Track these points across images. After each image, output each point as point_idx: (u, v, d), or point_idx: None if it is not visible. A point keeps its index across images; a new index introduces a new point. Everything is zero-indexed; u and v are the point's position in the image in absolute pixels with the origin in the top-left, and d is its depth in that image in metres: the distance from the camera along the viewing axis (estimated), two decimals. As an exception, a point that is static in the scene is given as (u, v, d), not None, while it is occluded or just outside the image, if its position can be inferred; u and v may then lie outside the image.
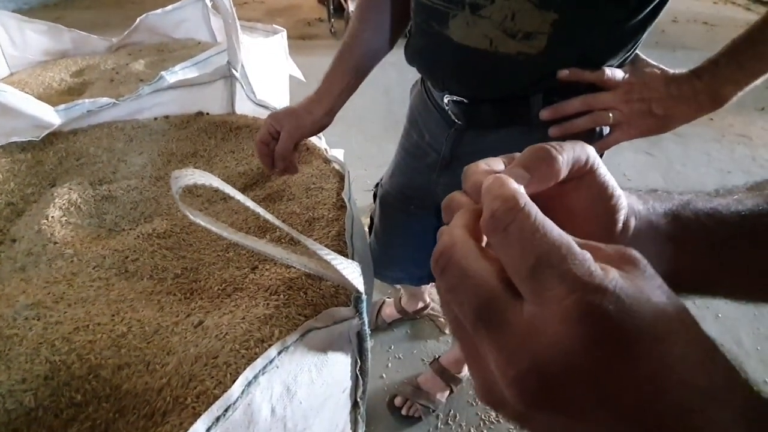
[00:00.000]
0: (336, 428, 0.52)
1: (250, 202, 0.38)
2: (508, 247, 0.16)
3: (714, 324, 1.37)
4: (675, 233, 0.24)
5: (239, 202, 0.37)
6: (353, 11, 0.71)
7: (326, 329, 0.44)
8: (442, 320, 1.34)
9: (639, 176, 1.98)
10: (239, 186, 0.73)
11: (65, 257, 0.56)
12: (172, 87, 0.88)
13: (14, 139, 0.75)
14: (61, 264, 0.55)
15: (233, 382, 0.37)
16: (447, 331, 1.32)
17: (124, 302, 0.49)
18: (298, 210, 0.64)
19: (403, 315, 1.33)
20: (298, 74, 1.25)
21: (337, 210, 0.63)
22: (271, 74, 1.15)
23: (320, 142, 0.81)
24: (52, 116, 0.77)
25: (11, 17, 1.09)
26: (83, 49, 1.21)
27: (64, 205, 0.64)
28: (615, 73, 0.57)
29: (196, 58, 0.90)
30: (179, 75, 0.87)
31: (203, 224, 0.37)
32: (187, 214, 0.36)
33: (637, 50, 0.60)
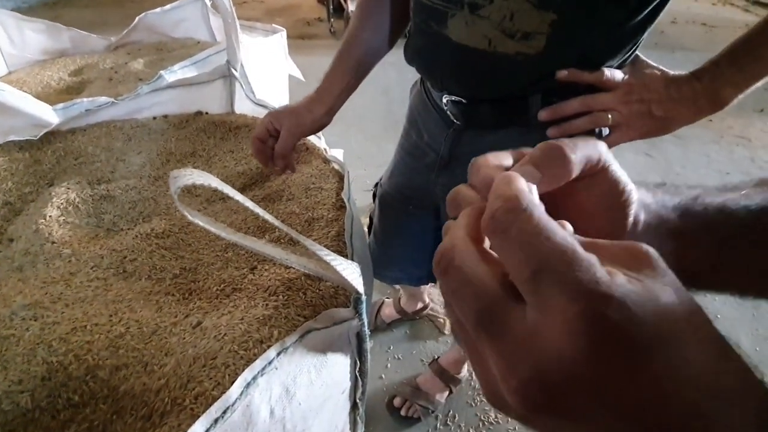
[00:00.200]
0: (335, 429, 0.52)
1: (249, 203, 0.38)
2: (509, 251, 0.15)
3: (713, 325, 1.37)
4: (684, 228, 0.24)
5: (238, 202, 0.37)
6: (353, 11, 0.71)
7: (325, 330, 0.44)
8: (442, 320, 1.34)
9: (638, 178, 1.90)
10: (238, 186, 0.72)
11: (63, 257, 0.55)
12: (171, 86, 0.88)
13: (12, 138, 0.75)
14: (59, 264, 0.54)
15: (232, 383, 0.37)
16: (446, 332, 1.32)
17: (122, 302, 0.49)
18: (297, 210, 0.64)
19: (402, 315, 1.32)
20: (298, 74, 1.24)
21: (337, 210, 0.63)
22: (271, 74, 1.14)
23: (320, 141, 0.80)
24: (50, 115, 0.77)
25: (10, 16, 1.08)
26: (82, 48, 1.20)
27: (62, 204, 0.63)
28: (614, 74, 0.57)
29: (195, 58, 0.90)
30: (178, 74, 0.87)
31: (202, 224, 0.37)
32: (186, 214, 0.35)
33: (637, 51, 0.59)
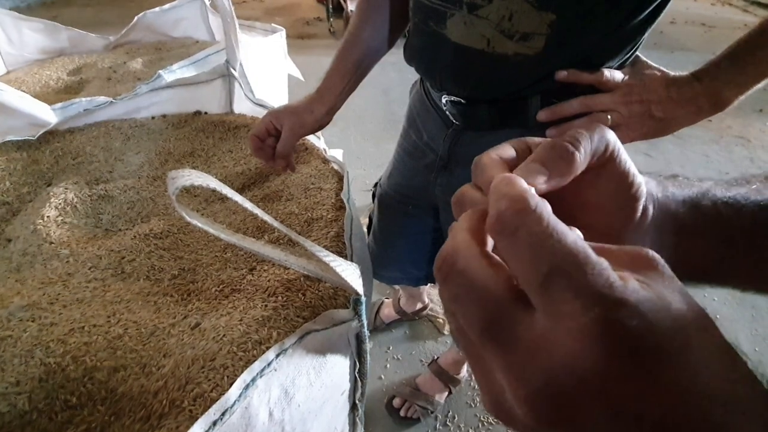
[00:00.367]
0: (334, 431, 0.52)
1: (248, 203, 0.37)
2: (518, 254, 0.15)
3: (712, 325, 1.37)
4: (693, 221, 0.23)
5: (237, 203, 0.37)
6: (353, 10, 0.71)
7: (325, 331, 0.43)
8: (441, 321, 1.34)
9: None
10: (237, 186, 0.72)
11: (61, 257, 0.55)
12: (170, 86, 0.88)
13: (10, 137, 0.74)
14: (57, 264, 0.54)
15: (230, 385, 0.36)
16: (445, 332, 1.31)
17: (120, 303, 0.49)
18: (296, 210, 0.63)
19: (401, 316, 1.32)
20: (297, 73, 1.24)
21: (336, 210, 0.63)
22: (270, 73, 1.14)
23: (319, 141, 0.80)
24: (48, 115, 0.76)
25: (8, 15, 1.08)
26: (80, 47, 1.20)
27: (60, 204, 0.63)
28: (614, 74, 0.57)
29: (194, 57, 0.90)
30: (177, 74, 0.86)
31: (200, 225, 0.36)
32: (184, 215, 0.35)
33: (637, 52, 0.59)
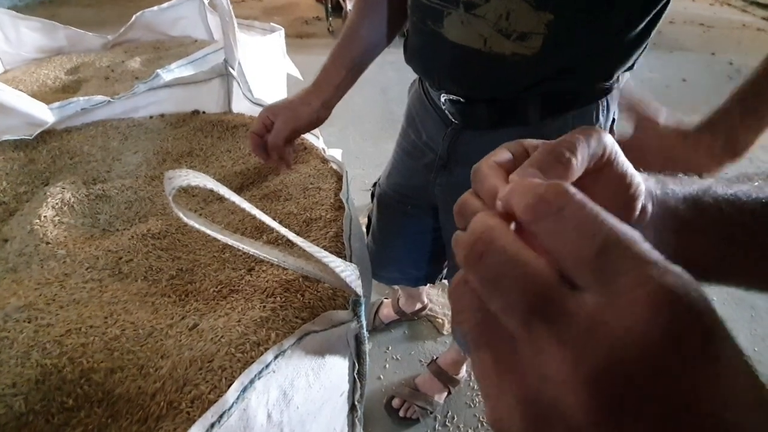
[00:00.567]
0: (333, 432, 0.52)
1: (245, 204, 0.37)
2: (564, 233, 0.14)
3: (711, 325, 1.37)
4: (693, 218, 0.23)
5: (235, 203, 0.36)
6: (352, 6, 0.71)
7: (324, 332, 0.43)
8: (440, 321, 1.34)
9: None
10: (235, 185, 0.72)
11: (58, 258, 0.55)
12: (168, 85, 0.87)
13: (7, 137, 0.74)
14: (54, 265, 0.54)
15: (228, 386, 0.36)
16: (445, 332, 1.31)
17: (118, 304, 0.49)
18: (295, 210, 0.63)
19: (401, 316, 1.32)
20: (296, 73, 1.24)
21: (335, 211, 0.63)
22: (269, 73, 1.14)
23: (318, 141, 0.80)
24: (45, 114, 0.76)
25: (5, 14, 1.08)
26: (78, 46, 1.19)
27: (57, 204, 0.63)
28: (658, 113, 0.56)
29: (193, 56, 0.89)
30: (175, 73, 0.86)
31: (197, 226, 0.36)
32: (181, 216, 0.35)
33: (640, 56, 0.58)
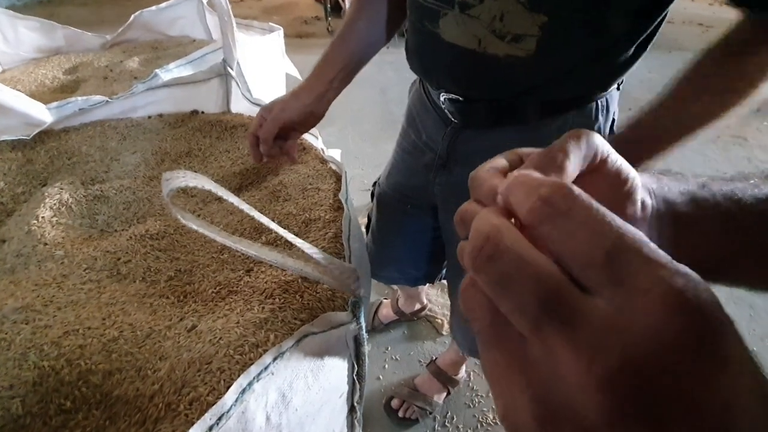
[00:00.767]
0: (332, 433, 0.51)
1: (244, 205, 0.37)
2: (572, 233, 0.14)
3: (710, 325, 1.37)
4: (691, 213, 0.23)
5: (233, 204, 0.36)
6: (350, 4, 0.70)
7: (323, 334, 0.43)
8: (439, 321, 1.33)
9: (635, 177, 1.97)
10: (234, 186, 0.71)
11: (55, 259, 0.54)
12: (167, 85, 0.87)
13: (4, 137, 0.74)
14: (51, 266, 0.53)
15: (227, 388, 0.36)
16: (444, 332, 1.31)
17: (116, 305, 0.48)
18: (294, 211, 0.63)
19: (400, 316, 1.32)
20: (295, 72, 1.24)
21: (334, 211, 0.63)
22: (268, 73, 1.14)
23: (317, 141, 0.80)
24: (43, 114, 0.76)
25: (3, 13, 1.07)
26: (77, 46, 1.19)
27: (54, 205, 0.62)
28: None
29: (191, 56, 0.89)
30: (174, 73, 0.86)
31: (195, 228, 0.36)
32: (179, 217, 0.35)
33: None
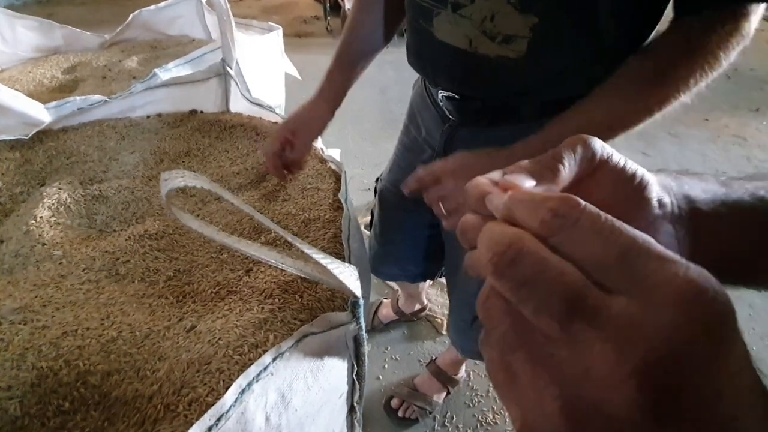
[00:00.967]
0: (332, 434, 0.51)
1: (244, 205, 0.37)
2: (584, 241, 0.14)
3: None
4: (715, 211, 0.23)
5: (233, 204, 0.36)
6: (350, 8, 0.71)
7: (322, 334, 0.43)
8: (439, 321, 1.33)
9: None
10: (234, 186, 0.71)
11: (54, 259, 0.54)
12: (166, 85, 0.87)
13: (2, 137, 0.73)
14: (50, 266, 0.53)
15: (226, 389, 0.36)
16: (444, 332, 1.31)
17: (115, 306, 0.48)
18: (293, 211, 0.63)
19: (400, 316, 1.32)
20: (294, 72, 1.23)
21: (334, 211, 0.62)
22: (267, 72, 1.13)
23: (316, 141, 0.79)
24: (42, 114, 0.75)
25: (2, 13, 1.07)
26: (75, 45, 1.19)
27: (53, 205, 0.62)
28: None
29: (190, 56, 0.89)
30: (173, 72, 0.86)
31: (194, 228, 0.36)
32: (178, 217, 0.35)
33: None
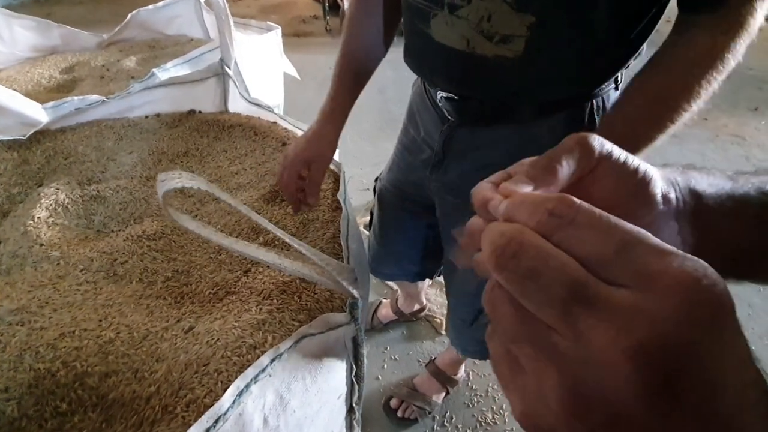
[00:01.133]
0: (331, 435, 0.51)
1: (241, 206, 0.37)
2: (582, 237, 0.15)
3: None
4: (722, 205, 0.23)
5: (230, 205, 0.36)
6: (346, 19, 0.70)
7: (321, 335, 0.43)
8: (438, 321, 1.33)
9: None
10: (232, 186, 0.71)
11: (51, 260, 0.54)
12: (164, 84, 0.87)
13: (0, 137, 0.73)
14: (47, 267, 0.53)
15: (224, 390, 0.36)
16: (443, 332, 1.31)
17: (112, 307, 0.48)
18: (292, 211, 0.63)
19: (399, 316, 1.32)
20: (293, 72, 1.23)
21: (333, 211, 0.62)
22: (265, 72, 1.13)
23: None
24: (39, 114, 0.75)
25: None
26: (73, 45, 1.18)
27: (51, 205, 0.62)
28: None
29: (189, 56, 0.89)
30: (171, 72, 0.85)
31: (192, 229, 0.36)
32: (175, 219, 0.34)
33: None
